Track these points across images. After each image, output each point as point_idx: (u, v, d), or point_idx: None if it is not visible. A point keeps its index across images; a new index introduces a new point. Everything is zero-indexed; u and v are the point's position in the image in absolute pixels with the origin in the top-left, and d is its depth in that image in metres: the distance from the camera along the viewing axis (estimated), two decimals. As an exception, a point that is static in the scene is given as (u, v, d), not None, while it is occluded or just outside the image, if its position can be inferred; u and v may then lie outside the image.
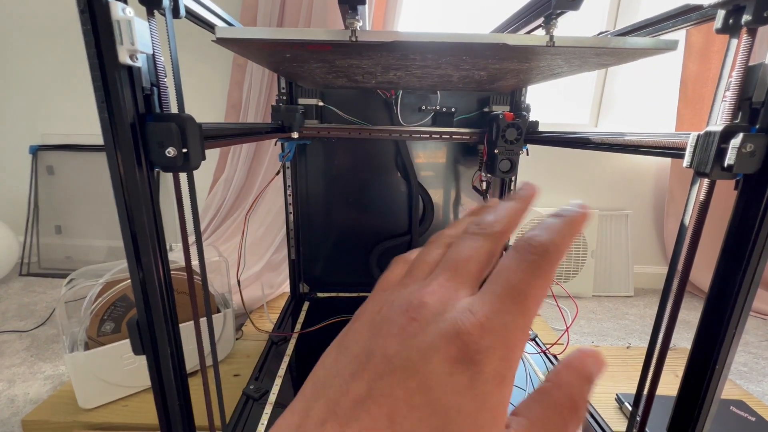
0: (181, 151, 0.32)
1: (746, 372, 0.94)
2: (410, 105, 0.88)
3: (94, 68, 0.28)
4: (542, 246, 0.12)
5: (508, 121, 0.73)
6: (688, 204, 0.37)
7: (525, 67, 0.45)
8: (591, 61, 0.41)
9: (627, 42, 0.33)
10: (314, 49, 0.34)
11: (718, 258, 0.35)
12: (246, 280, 1.10)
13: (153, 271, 0.32)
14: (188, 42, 1.25)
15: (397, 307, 0.13)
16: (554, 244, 0.12)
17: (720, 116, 0.34)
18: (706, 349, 0.36)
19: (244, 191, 1.34)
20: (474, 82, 0.59)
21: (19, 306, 1.16)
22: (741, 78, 0.32)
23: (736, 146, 0.31)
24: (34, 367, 0.87)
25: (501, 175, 0.76)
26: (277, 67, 0.51)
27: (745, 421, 0.69)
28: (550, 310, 1.23)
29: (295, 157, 0.91)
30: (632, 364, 0.88)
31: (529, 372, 0.68)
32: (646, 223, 1.45)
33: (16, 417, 0.71)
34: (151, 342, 0.34)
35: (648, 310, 1.28)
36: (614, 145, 0.46)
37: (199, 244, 0.43)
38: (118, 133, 0.29)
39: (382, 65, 0.44)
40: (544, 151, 1.36)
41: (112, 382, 0.69)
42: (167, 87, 0.34)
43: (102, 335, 0.70)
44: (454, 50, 0.34)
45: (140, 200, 0.31)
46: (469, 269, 0.13)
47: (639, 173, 1.40)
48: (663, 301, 0.38)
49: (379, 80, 0.58)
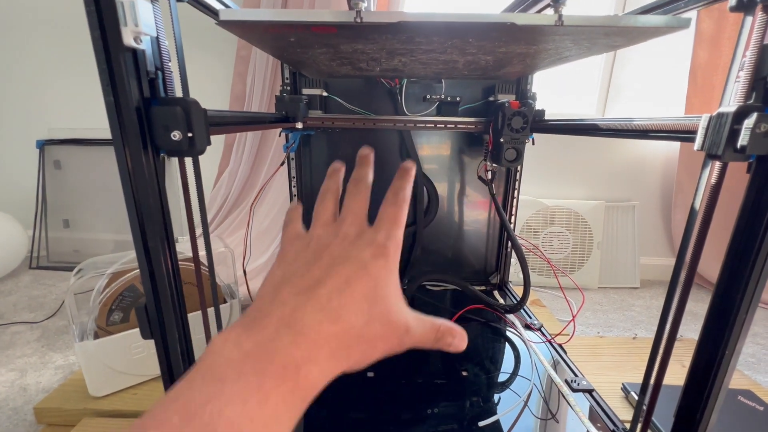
0: (187, 135, 0.32)
1: (754, 363, 0.93)
2: (415, 95, 0.87)
3: (99, 50, 0.28)
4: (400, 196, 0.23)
5: (513, 109, 0.72)
6: (698, 188, 0.36)
7: (532, 50, 0.44)
8: (600, 42, 0.40)
9: (638, 20, 0.33)
10: (319, 32, 0.33)
11: (729, 242, 0.34)
12: (252, 272, 1.11)
13: (160, 255, 0.32)
14: (191, 34, 1.25)
15: (328, 236, 0.22)
16: (404, 190, 0.23)
17: (733, 97, 0.33)
18: (714, 338, 0.35)
19: (249, 184, 1.34)
20: (480, 68, 0.58)
21: (29, 298, 1.17)
22: (756, 57, 0.31)
23: (749, 126, 0.30)
24: (45, 357, 0.88)
25: (506, 165, 0.75)
26: (281, 54, 0.51)
27: (753, 410, 0.69)
28: (556, 301, 1.23)
29: (300, 148, 0.90)
30: (638, 355, 0.88)
31: (534, 362, 0.68)
32: (653, 214, 1.43)
33: (28, 405, 0.73)
34: (159, 326, 0.34)
35: (654, 302, 1.27)
36: (623, 130, 0.46)
37: (206, 231, 0.43)
38: (124, 117, 0.29)
39: (387, 50, 0.43)
40: (550, 142, 1.35)
41: (121, 371, 0.70)
42: (172, 72, 0.34)
43: (111, 325, 0.71)
44: (461, 31, 0.34)
45: (146, 184, 0.31)
46: (362, 212, 0.23)
47: (646, 164, 1.38)
48: (672, 285, 0.38)
49: (383, 67, 0.57)
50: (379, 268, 0.20)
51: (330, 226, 0.23)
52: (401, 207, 0.23)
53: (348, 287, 0.19)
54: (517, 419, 0.55)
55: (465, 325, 0.82)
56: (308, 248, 0.22)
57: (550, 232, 1.35)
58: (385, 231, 0.21)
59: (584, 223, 1.34)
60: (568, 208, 1.34)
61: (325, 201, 0.25)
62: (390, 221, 0.22)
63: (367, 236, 0.21)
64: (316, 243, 0.22)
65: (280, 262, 0.22)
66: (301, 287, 0.19)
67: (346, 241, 0.21)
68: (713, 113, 0.32)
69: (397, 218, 0.22)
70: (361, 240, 0.21)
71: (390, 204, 0.23)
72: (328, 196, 0.25)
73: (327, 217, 0.24)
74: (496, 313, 0.86)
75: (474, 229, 1.00)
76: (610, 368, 0.82)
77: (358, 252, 0.20)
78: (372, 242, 0.21)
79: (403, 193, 0.23)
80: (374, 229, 0.22)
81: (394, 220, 0.22)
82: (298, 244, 0.23)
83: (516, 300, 0.88)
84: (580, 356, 0.83)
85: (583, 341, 0.94)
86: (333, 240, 0.22)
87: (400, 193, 0.23)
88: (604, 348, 0.91)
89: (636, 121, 0.42)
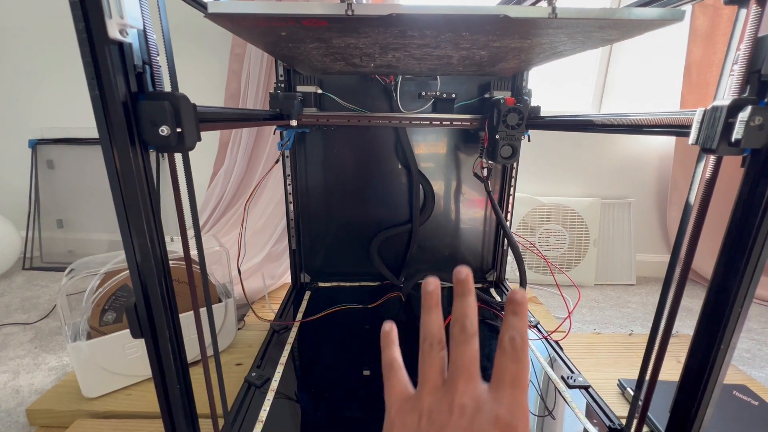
0: (175, 131, 0.31)
1: (749, 358, 0.94)
2: (410, 92, 0.87)
3: (83, 43, 0.27)
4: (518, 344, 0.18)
5: (509, 105, 0.71)
6: (693, 182, 0.36)
7: (527, 45, 0.44)
8: (594, 36, 0.40)
9: (632, 13, 0.32)
10: (310, 25, 0.33)
11: (723, 238, 0.34)
12: (247, 272, 1.10)
13: (149, 252, 0.31)
14: (187, 32, 1.24)
15: (441, 409, 0.19)
16: (522, 338, 0.18)
17: (727, 90, 0.33)
18: (709, 333, 0.35)
19: (244, 183, 1.33)
20: (474, 64, 0.58)
21: (22, 299, 1.16)
22: (750, 50, 0.31)
23: (744, 120, 0.30)
24: (39, 359, 0.87)
25: (502, 161, 0.75)
26: (273, 49, 0.50)
27: (747, 405, 0.69)
28: (552, 298, 1.23)
29: (295, 147, 0.90)
30: (634, 351, 0.88)
31: (531, 359, 0.68)
32: (648, 211, 1.43)
33: (21, 407, 0.72)
34: (149, 325, 0.34)
35: (650, 298, 1.27)
36: (618, 126, 0.45)
37: (197, 229, 0.43)
38: (110, 111, 0.29)
39: (380, 44, 0.43)
40: (546, 140, 1.35)
41: (115, 372, 0.70)
42: (160, 66, 0.33)
43: (104, 325, 0.70)
44: (454, 23, 0.33)
45: (134, 180, 0.30)
46: (474, 368, 0.19)
47: (642, 161, 1.39)
48: (667, 281, 0.38)
49: (377, 63, 0.57)
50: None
51: (440, 392, 0.19)
52: (524, 362, 0.18)
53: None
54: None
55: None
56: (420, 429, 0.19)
57: (546, 230, 1.35)
58: (508, 400, 0.18)
59: (580, 221, 1.34)
60: (565, 205, 1.34)
61: (432, 355, 0.20)
62: (512, 384, 0.18)
63: (487, 411, 0.18)
64: (427, 421, 0.19)
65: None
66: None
67: (463, 420, 0.18)
68: (707, 107, 0.32)
69: (520, 379, 0.18)
70: (481, 418, 0.17)
71: (509, 358, 0.18)
72: (435, 348, 0.20)
73: (435, 378, 0.20)
74: (492, 310, 0.86)
75: (470, 226, 1.00)
76: (606, 365, 0.82)
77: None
78: (495, 420, 0.17)
79: (521, 338, 0.18)
80: (494, 399, 0.18)
81: (517, 381, 0.18)
82: (409, 419, 0.19)
83: (512, 297, 0.88)
84: (576, 353, 0.83)
85: (579, 338, 0.94)
86: (447, 418, 0.18)
87: (517, 340, 0.18)
88: (601, 344, 0.91)
89: (631, 116, 0.42)
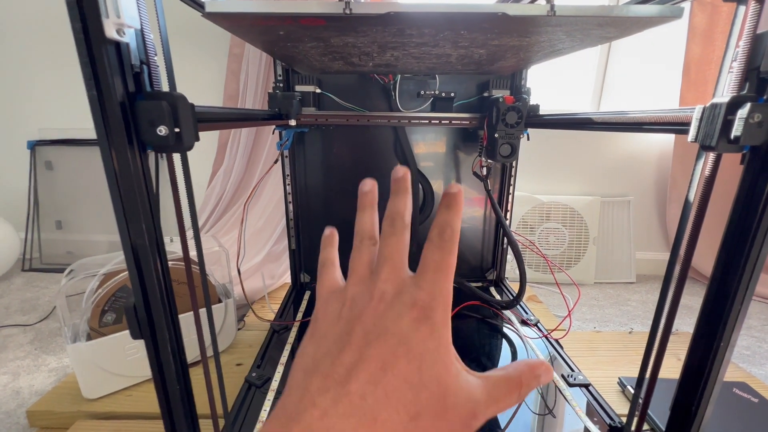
0: (173, 131, 0.31)
1: (749, 356, 0.94)
2: (409, 91, 0.86)
3: (80, 44, 0.27)
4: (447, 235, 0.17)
5: (508, 104, 0.71)
6: (692, 180, 0.36)
7: (525, 43, 0.44)
8: (593, 33, 0.40)
9: (630, 10, 0.32)
10: (307, 24, 0.33)
11: (723, 235, 0.34)
12: (247, 272, 1.10)
13: (148, 253, 0.31)
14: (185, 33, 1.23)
15: (363, 296, 0.18)
16: (452, 228, 0.17)
17: (726, 88, 0.33)
18: (709, 331, 0.35)
19: (243, 183, 1.33)
20: (473, 62, 0.58)
21: (21, 301, 1.16)
22: (749, 47, 0.31)
23: (743, 117, 0.30)
24: (39, 360, 0.87)
25: (501, 160, 0.75)
26: (272, 48, 0.50)
27: (747, 402, 0.69)
28: (552, 296, 1.23)
29: (294, 146, 0.90)
30: (634, 349, 0.88)
31: (531, 357, 0.68)
32: (648, 209, 1.43)
33: (21, 408, 0.72)
34: (148, 325, 0.34)
35: (650, 296, 1.27)
36: (617, 123, 0.46)
37: (196, 229, 0.42)
38: (107, 111, 0.29)
39: (379, 43, 0.43)
40: (545, 138, 1.35)
41: (115, 372, 0.70)
42: (158, 66, 0.33)
43: (103, 326, 0.70)
44: (452, 22, 0.33)
45: (132, 180, 0.30)
46: (400, 259, 0.18)
47: (641, 159, 1.39)
48: (667, 279, 0.38)
49: (376, 62, 0.57)
50: (423, 340, 0.16)
51: (366, 281, 0.19)
52: (449, 250, 0.17)
53: (384, 375, 0.15)
54: (514, 415, 0.55)
55: (462, 322, 0.83)
56: (341, 317, 0.18)
57: (545, 228, 1.35)
58: (428, 285, 0.17)
59: (580, 219, 1.34)
60: (564, 203, 1.34)
61: (362, 250, 0.20)
62: (435, 270, 0.17)
63: (406, 295, 0.17)
64: (349, 308, 0.18)
65: (312, 333, 0.19)
66: (332, 380, 0.16)
67: (382, 305, 0.17)
68: (706, 104, 0.32)
69: (443, 265, 0.17)
70: (400, 301, 0.17)
71: (435, 246, 0.17)
72: (365, 243, 0.21)
73: (363, 269, 0.19)
74: (492, 309, 0.86)
75: (470, 225, 1.00)
76: (606, 363, 0.82)
77: (395, 320, 0.16)
78: (413, 303, 0.17)
79: (451, 229, 0.17)
80: (415, 283, 0.17)
81: (440, 267, 0.17)
82: (331, 308, 0.19)
83: (512, 296, 0.88)
84: (576, 351, 0.84)
85: (579, 336, 0.94)
86: (368, 304, 0.17)
87: (446, 231, 0.17)
88: (601, 343, 0.91)
89: (630, 114, 0.42)
